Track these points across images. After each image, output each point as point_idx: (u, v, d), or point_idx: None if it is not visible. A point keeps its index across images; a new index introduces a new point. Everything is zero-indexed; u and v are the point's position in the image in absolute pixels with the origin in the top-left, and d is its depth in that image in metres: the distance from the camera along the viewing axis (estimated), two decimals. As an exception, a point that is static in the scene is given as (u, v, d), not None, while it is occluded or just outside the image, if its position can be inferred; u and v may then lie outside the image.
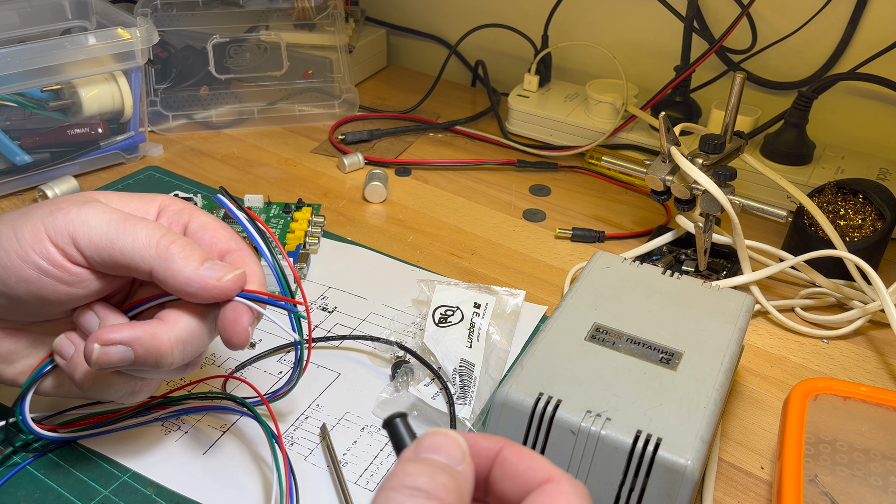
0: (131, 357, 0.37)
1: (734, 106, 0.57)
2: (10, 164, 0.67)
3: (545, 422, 0.38)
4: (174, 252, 0.38)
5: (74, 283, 0.39)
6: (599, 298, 0.46)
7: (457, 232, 0.67)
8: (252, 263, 0.41)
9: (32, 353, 0.41)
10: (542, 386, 0.39)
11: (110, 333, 0.37)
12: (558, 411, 0.38)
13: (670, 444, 0.36)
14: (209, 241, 0.41)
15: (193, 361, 0.42)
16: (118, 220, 0.39)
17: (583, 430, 0.37)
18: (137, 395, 0.42)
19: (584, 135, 0.78)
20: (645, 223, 0.68)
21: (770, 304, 0.57)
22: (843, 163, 0.70)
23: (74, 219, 0.38)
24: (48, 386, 0.42)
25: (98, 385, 0.40)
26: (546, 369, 0.40)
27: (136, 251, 0.38)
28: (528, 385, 0.39)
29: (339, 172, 0.75)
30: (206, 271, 0.38)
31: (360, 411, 0.48)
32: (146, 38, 0.68)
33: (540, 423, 0.38)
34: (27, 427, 0.41)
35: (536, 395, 0.38)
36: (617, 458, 0.36)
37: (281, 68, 0.82)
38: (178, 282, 0.38)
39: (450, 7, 0.94)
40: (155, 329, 0.38)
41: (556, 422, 0.37)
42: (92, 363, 0.37)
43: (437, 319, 0.52)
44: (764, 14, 0.74)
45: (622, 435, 0.36)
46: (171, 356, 0.38)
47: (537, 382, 0.39)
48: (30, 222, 0.38)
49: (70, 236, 0.38)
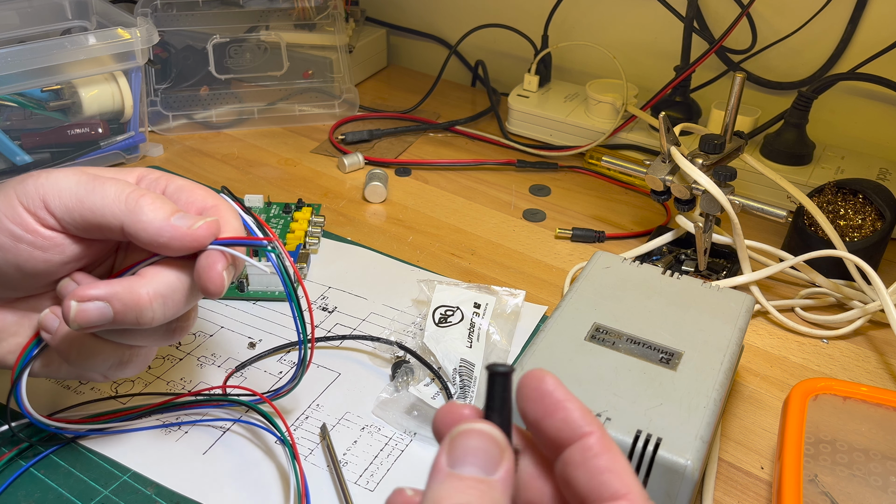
0: (110, 313, 0.37)
1: (734, 106, 0.57)
2: (11, 163, 0.67)
3: None
4: (144, 204, 0.38)
5: (49, 249, 0.38)
6: (599, 298, 0.46)
7: (457, 232, 0.67)
8: (228, 215, 0.41)
9: (20, 330, 0.41)
10: None
11: (87, 290, 0.37)
12: None
13: (670, 444, 0.36)
14: (186, 200, 0.41)
15: (180, 325, 0.41)
16: (87, 179, 0.39)
17: None
18: (126, 367, 0.42)
19: (584, 135, 0.78)
20: (645, 223, 0.68)
21: (770, 304, 0.57)
22: (843, 163, 0.70)
23: (44, 182, 0.38)
24: (37, 366, 0.42)
25: (84, 355, 0.40)
26: (546, 369, 0.40)
27: (106, 207, 0.38)
28: None
29: (339, 172, 0.75)
30: (177, 221, 0.38)
31: (360, 411, 0.48)
32: (146, 39, 0.68)
33: None
34: (24, 411, 0.41)
35: None
36: None
37: (281, 68, 0.82)
38: (150, 233, 0.37)
39: (450, 7, 0.94)
40: (132, 283, 0.38)
41: None
42: (70, 322, 0.37)
43: (437, 319, 0.52)
44: (764, 14, 0.74)
45: (622, 434, 0.36)
46: (150, 310, 0.38)
47: None
48: (1, 192, 0.38)
49: (41, 200, 0.38)
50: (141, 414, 0.47)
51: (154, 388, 0.49)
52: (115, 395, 0.48)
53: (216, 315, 0.55)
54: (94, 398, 0.48)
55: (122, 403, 0.48)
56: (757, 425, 0.49)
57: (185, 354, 0.52)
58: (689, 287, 0.47)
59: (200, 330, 0.54)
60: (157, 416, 0.47)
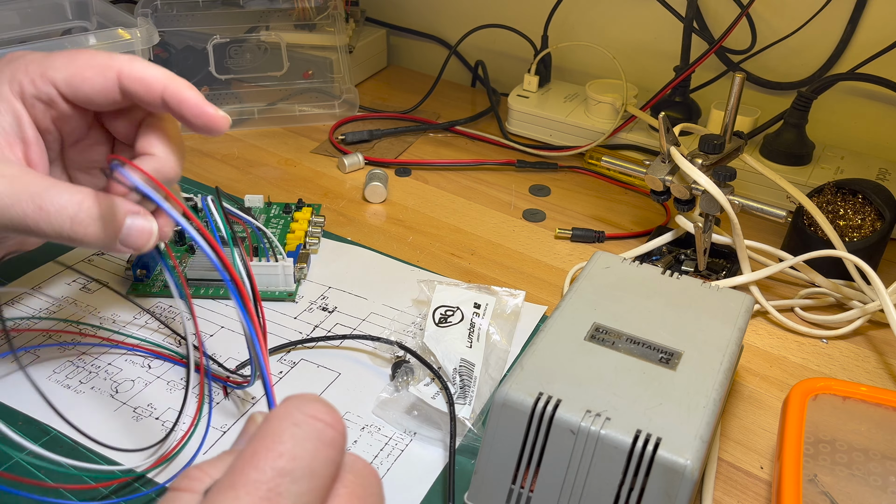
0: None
1: (733, 106, 0.57)
2: (11, 164, 0.67)
3: (545, 421, 0.38)
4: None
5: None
6: (599, 298, 0.46)
7: (457, 232, 0.67)
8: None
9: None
10: (542, 386, 0.39)
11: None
12: (558, 411, 0.38)
13: (670, 444, 0.36)
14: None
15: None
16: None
17: (582, 430, 0.37)
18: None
19: (584, 135, 0.78)
20: (644, 223, 0.68)
21: (769, 304, 0.57)
22: (843, 163, 0.70)
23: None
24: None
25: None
26: (546, 369, 0.40)
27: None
28: (528, 385, 0.39)
29: (339, 172, 0.75)
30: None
31: (360, 411, 0.48)
32: (146, 39, 0.68)
33: (540, 423, 0.38)
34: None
35: (536, 394, 0.38)
36: (616, 457, 0.36)
37: (281, 68, 0.82)
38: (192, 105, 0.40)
39: (450, 7, 0.94)
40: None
41: (556, 421, 0.37)
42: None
43: (438, 319, 0.52)
44: (763, 14, 0.74)
45: (622, 434, 0.36)
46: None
47: (537, 382, 0.39)
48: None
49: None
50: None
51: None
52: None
53: (217, 315, 0.55)
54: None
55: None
56: (756, 425, 0.49)
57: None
58: (689, 287, 0.47)
59: (202, 330, 0.54)
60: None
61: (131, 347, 0.52)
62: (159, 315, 0.55)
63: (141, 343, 0.52)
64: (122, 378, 0.50)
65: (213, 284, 0.57)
